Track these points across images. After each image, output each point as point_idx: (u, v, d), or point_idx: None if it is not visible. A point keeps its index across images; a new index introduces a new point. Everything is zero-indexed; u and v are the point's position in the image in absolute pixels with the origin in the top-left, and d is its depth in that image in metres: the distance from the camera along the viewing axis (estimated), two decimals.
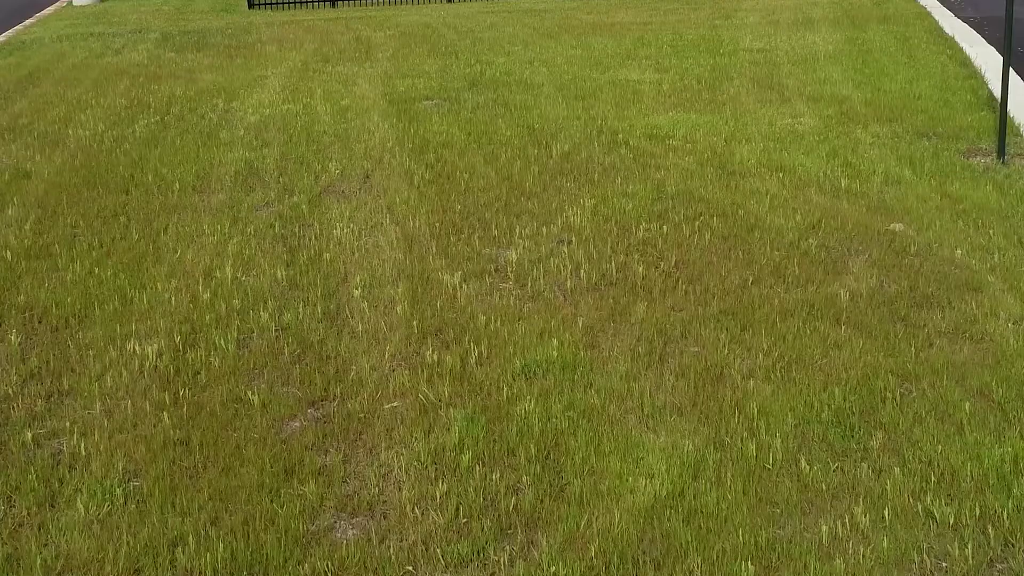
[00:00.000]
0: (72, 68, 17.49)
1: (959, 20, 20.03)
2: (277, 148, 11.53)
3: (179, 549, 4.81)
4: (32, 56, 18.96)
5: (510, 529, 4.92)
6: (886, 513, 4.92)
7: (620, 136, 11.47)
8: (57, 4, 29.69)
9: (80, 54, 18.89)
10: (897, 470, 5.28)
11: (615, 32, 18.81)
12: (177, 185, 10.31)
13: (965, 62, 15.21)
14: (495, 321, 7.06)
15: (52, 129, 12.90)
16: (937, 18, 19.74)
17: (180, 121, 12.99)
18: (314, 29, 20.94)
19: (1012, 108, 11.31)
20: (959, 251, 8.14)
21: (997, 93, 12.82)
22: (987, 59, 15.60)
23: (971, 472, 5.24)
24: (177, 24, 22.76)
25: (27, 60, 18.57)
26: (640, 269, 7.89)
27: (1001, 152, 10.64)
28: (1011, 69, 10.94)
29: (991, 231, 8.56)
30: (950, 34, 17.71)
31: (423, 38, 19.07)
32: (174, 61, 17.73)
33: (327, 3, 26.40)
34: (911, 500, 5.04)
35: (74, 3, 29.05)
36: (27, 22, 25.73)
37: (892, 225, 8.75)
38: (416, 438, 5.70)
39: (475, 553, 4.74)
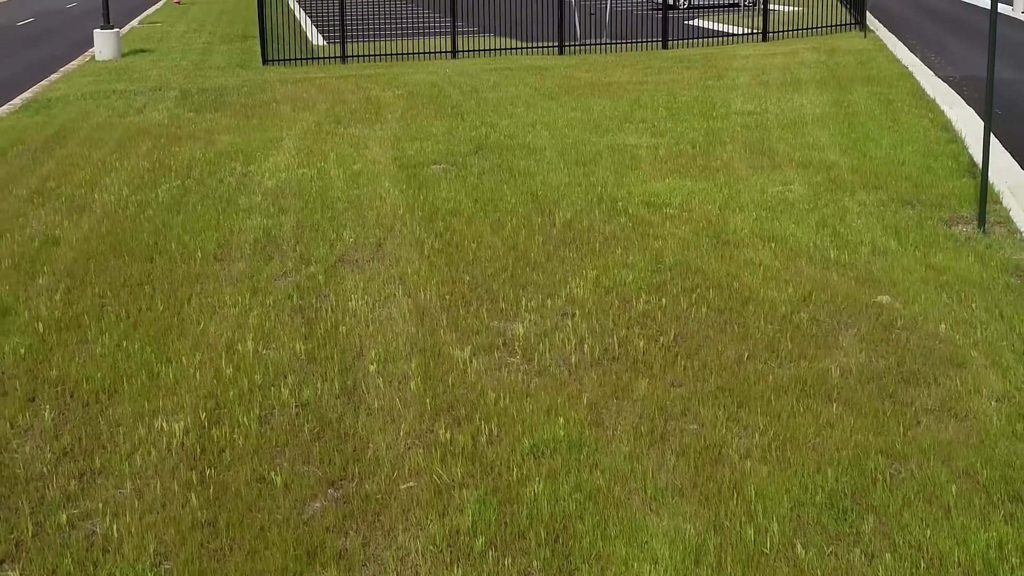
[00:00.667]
0: (96, 128, 17.63)
1: (939, 80, 20.24)
2: (293, 215, 11.64)
3: None
4: (58, 115, 19.11)
5: None
6: None
7: (620, 204, 11.58)
8: (80, 59, 29.94)
9: (103, 113, 19.05)
10: (888, 555, 5.34)
11: (613, 93, 18.98)
12: (199, 253, 10.40)
13: (946, 126, 15.37)
14: (504, 398, 7.14)
15: (78, 193, 13.00)
16: (919, 78, 19.94)
17: (200, 186, 13.10)
18: (326, 88, 21.12)
19: (991, 175, 11.41)
20: (943, 325, 8.23)
21: (977, 158, 12.98)
22: (967, 122, 15.76)
23: (958, 558, 5.30)
24: (195, 81, 22.95)
25: (53, 119, 18.72)
26: (641, 344, 7.98)
27: (981, 221, 10.74)
28: (991, 139, 11.02)
29: (973, 304, 8.64)
30: (931, 96, 17.89)
31: (430, 98, 19.24)
32: (193, 121, 17.88)
33: (338, 59, 26.66)
34: None
35: (96, 58, 29.31)
36: (52, 77, 25.94)
37: (879, 297, 8.84)
38: (431, 520, 5.77)
39: None
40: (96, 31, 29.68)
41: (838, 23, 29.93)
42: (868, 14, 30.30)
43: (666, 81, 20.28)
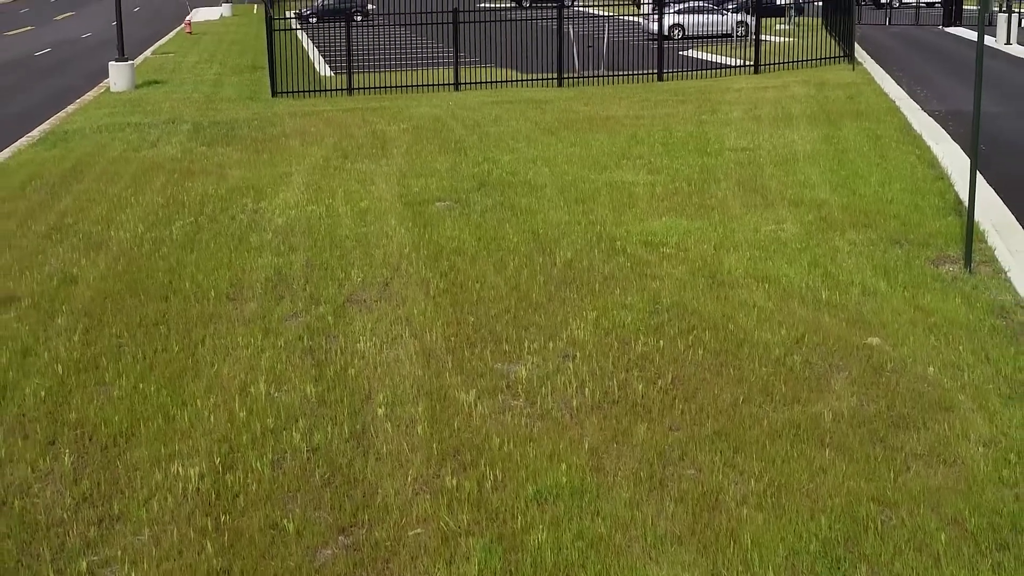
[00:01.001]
0: (112, 162, 17.68)
1: (925, 114, 20.32)
2: (303, 253, 11.68)
3: None
4: (75, 148, 19.18)
5: None
6: None
7: (618, 243, 11.62)
8: (96, 90, 30.02)
9: (119, 146, 19.11)
10: None
11: (610, 128, 19.05)
12: (212, 293, 10.44)
13: (933, 162, 15.43)
14: (508, 443, 7.17)
15: (95, 230, 13.04)
16: (906, 113, 20.02)
17: (213, 223, 13.15)
18: (333, 121, 21.19)
19: (977, 212, 11.45)
20: (931, 368, 8.26)
21: (963, 195, 13.01)
22: (953, 158, 15.82)
23: None
24: (207, 114, 23.02)
25: (70, 152, 18.79)
26: (640, 387, 8.01)
27: (968, 261, 10.78)
28: (976, 180, 11.05)
29: (960, 346, 8.68)
30: (918, 131, 17.95)
31: (434, 132, 19.31)
32: (205, 156, 17.94)
33: (344, 92, 26.75)
34: None
35: (112, 89, 29.39)
36: (69, 109, 26.02)
37: (869, 339, 8.88)
38: (439, 568, 5.79)
39: None
40: (111, 63, 29.79)
41: (828, 56, 30.04)
42: (857, 46, 30.42)
43: (662, 115, 20.36)
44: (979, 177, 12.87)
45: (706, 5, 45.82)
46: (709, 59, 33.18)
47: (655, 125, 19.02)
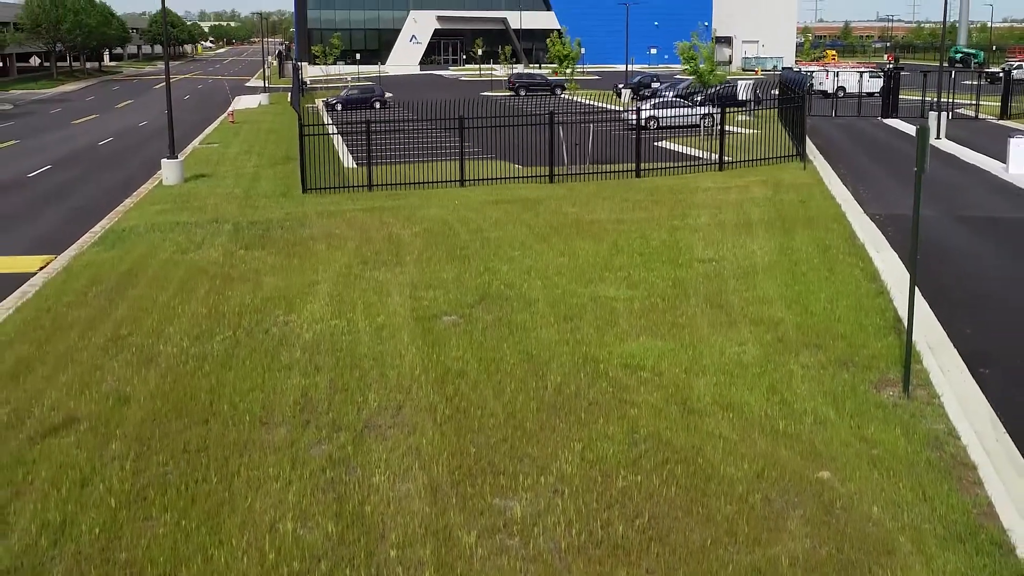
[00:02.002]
0: (162, 265, 17.67)
1: (867, 218, 20.36)
2: (327, 373, 11.62)
3: None
4: (130, 249, 19.17)
5: None
6: None
7: (601, 365, 11.57)
8: (150, 182, 30.07)
9: (168, 248, 19.11)
10: None
11: (595, 233, 19.05)
12: (247, 417, 10.37)
13: (874, 275, 15.41)
14: None
15: (147, 343, 13.00)
16: (851, 219, 20.04)
17: (249, 338, 13.10)
18: (355, 223, 21.19)
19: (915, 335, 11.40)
20: (876, 507, 8.19)
21: (901, 311, 13.02)
22: (892, 268, 15.83)
23: None
24: (245, 212, 23.04)
25: (126, 254, 18.78)
26: (620, 527, 7.94)
27: (906, 386, 10.73)
28: (914, 322, 11.02)
29: (900, 483, 8.61)
30: (861, 240, 17.96)
31: (442, 236, 19.31)
32: (243, 260, 17.92)
33: (365, 188, 26.81)
34: None
35: (164, 183, 29.49)
36: (127, 203, 26.05)
37: (821, 473, 8.81)
38: None
39: None
40: (164, 160, 29.93)
41: (783, 154, 30.16)
42: (808, 140, 30.51)
43: (639, 220, 20.37)
44: (919, 298, 12.91)
45: (677, 100, 46.22)
46: (680, 151, 33.36)
47: (633, 232, 19.02)
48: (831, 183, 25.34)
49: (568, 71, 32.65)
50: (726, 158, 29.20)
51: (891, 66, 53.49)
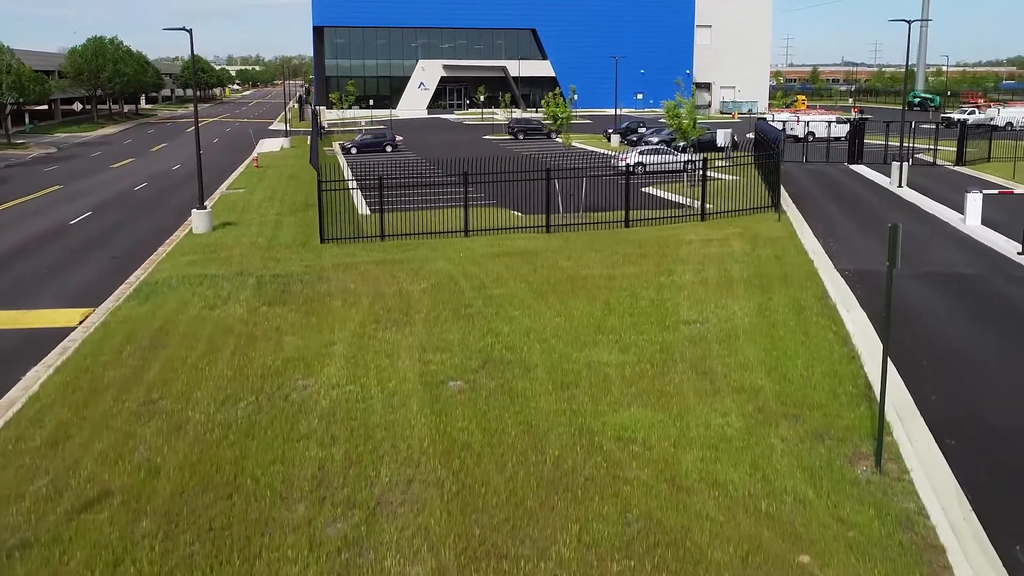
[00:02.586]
0: (191, 322, 17.49)
1: (837, 273, 20.20)
2: (342, 445, 11.43)
3: None
4: (162, 303, 18.99)
5: None
6: None
7: (596, 438, 11.39)
8: (182, 229, 29.92)
9: (197, 304, 18.93)
10: None
11: (588, 291, 18.88)
12: (268, 492, 10.19)
13: (846, 339, 15.25)
14: None
15: (176, 409, 12.82)
16: (823, 276, 19.88)
17: (271, 404, 12.92)
18: (368, 276, 21.03)
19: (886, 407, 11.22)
20: None
21: (871, 376, 12.83)
22: (862, 331, 15.66)
23: None
24: (267, 264, 22.88)
25: (159, 308, 18.61)
26: None
27: (878, 460, 10.55)
28: (885, 404, 10.84)
29: (876, 569, 8.42)
30: (833, 299, 17.80)
31: (448, 293, 19.14)
32: (266, 317, 17.74)
33: (377, 238, 26.66)
34: None
35: (193, 231, 29.35)
36: (160, 251, 25.90)
37: (801, 557, 8.63)
38: None
39: None
40: (193, 210, 29.83)
41: (759, 205, 30.06)
42: (782, 187, 30.36)
43: (629, 276, 20.21)
44: (881, 350, 12.71)
45: (661, 147, 46.28)
46: (665, 197, 33.26)
47: (623, 289, 18.86)
48: (804, 236, 25.22)
49: (562, 127, 32.41)
50: (708, 206, 29.08)
51: (857, 117, 53.54)
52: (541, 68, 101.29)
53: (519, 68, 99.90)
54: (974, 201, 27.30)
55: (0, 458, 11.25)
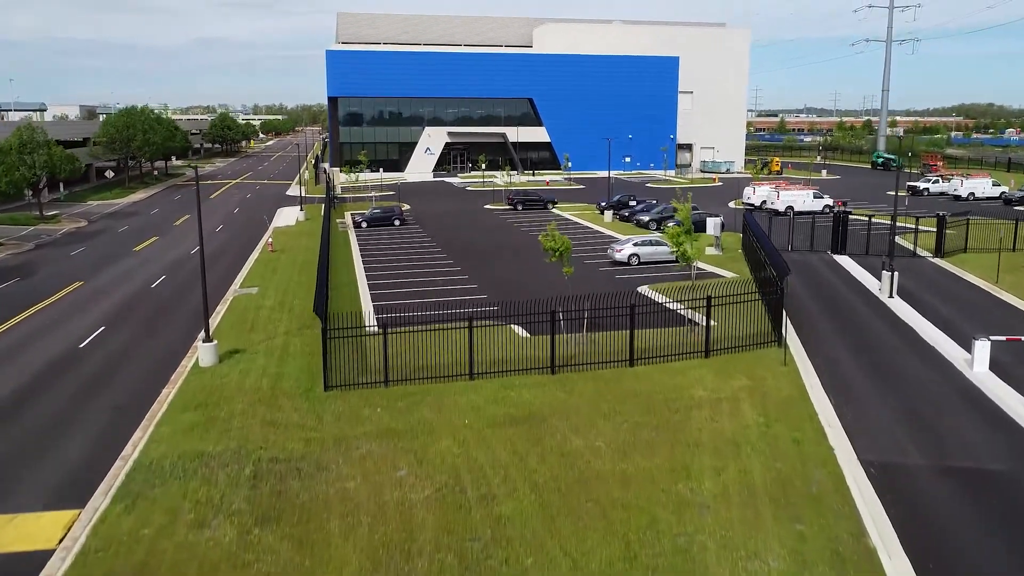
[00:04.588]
0: (175, 560, 14.27)
1: (863, 471, 17.01)
2: None
3: None
4: (148, 515, 15.76)
5: None
6: None
7: None
8: (188, 358, 26.70)
9: (186, 514, 15.73)
10: None
11: (603, 511, 15.65)
12: None
13: None
14: None
15: None
16: (849, 484, 16.69)
17: None
18: (368, 469, 17.82)
19: None
20: None
21: None
22: None
23: None
24: (266, 435, 19.72)
25: (144, 524, 15.38)
26: None
27: None
28: None
29: None
30: (873, 540, 14.57)
31: (453, 511, 15.92)
32: (255, 552, 14.51)
33: (381, 384, 23.50)
34: None
35: (200, 364, 26.16)
36: (164, 395, 22.60)
37: None
38: None
39: None
40: (199, 344, 26.76)
41: (761, 339, 26.90)
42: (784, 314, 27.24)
43: (643, 474, 17.03)
44: None
45: (655, 239, 43.49)
46: (662, 302, 30.19)
47: (642, 509, 15.66)
48: (813, 393, 22.09)
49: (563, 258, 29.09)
50: (712, 321, 26.01)
51: (840, 210, 50.82)
52: (537, 134, 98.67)
53: (517, 134, 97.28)
54: (982, 349, 24.18)
55: None
